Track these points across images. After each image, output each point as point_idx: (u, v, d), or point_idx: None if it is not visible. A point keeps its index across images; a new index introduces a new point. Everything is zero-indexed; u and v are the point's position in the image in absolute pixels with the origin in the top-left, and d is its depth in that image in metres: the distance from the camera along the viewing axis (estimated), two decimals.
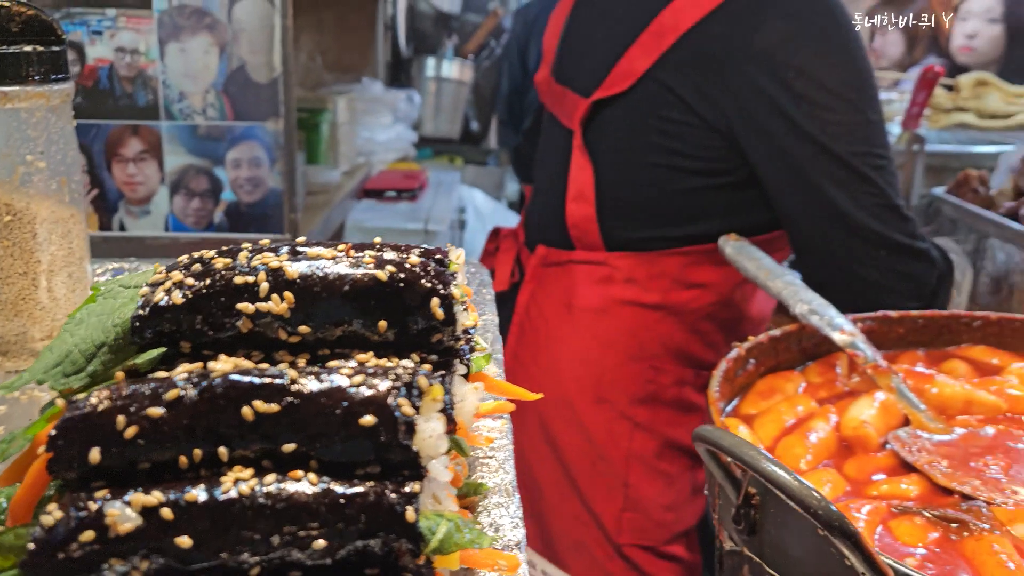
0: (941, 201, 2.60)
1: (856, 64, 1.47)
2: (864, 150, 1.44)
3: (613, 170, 1.62)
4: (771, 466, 0.59)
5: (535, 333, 1.72)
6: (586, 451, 1.66)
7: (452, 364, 0.48)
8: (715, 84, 1.48)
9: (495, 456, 0.57)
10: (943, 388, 0.99)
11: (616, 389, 1.65)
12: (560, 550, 1.71)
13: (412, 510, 0.40)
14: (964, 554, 0.72)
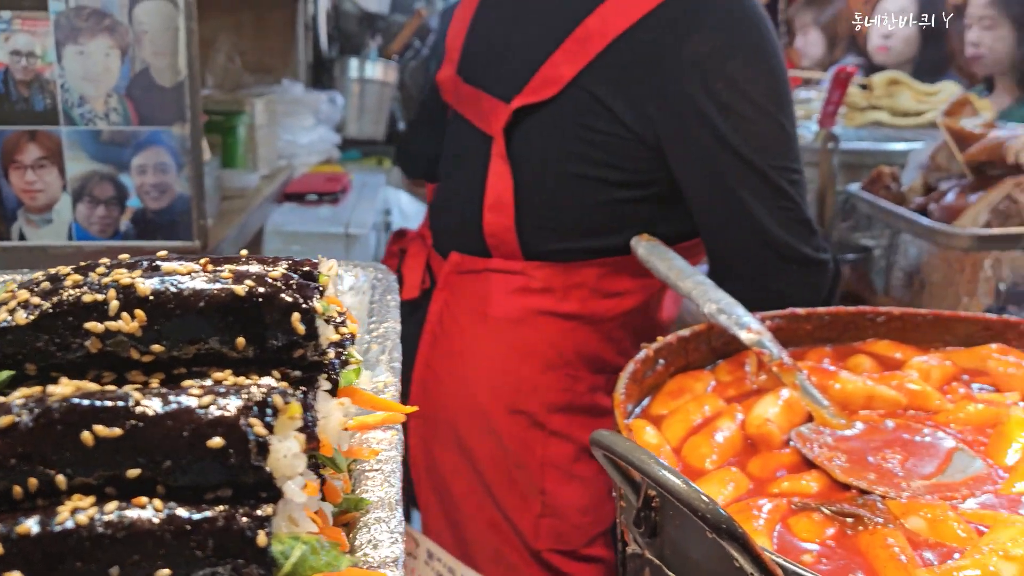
0: (856, 197, 2.67)
1: (779, 77, 1.49)
2: (783, 164, 1.47)
3: (534, 179, 1.59)
4: (661, 470, 0.59)
5: (449, 342, 1.69)
6: (501, 460, 1.65)
7: (316, 380, 0.47)
8: (643, 93, 1.47)
9: (381, 469, 0.55)
10: (845, 384, 1.01)
11: (532, 398, 1.64)
12: (479, 559, 1.69)
13: (264, 534, 0.39)
14: (859, 548, 0.73)
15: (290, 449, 0.40)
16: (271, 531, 0.39)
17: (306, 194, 3.10)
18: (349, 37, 4.71)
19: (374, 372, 0.73)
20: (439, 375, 1.71)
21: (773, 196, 1.46)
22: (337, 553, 0.41)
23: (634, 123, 1.49)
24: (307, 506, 0.43)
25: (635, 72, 1.47)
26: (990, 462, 0.89)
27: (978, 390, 1.07)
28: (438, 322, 1.71)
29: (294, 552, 0.39)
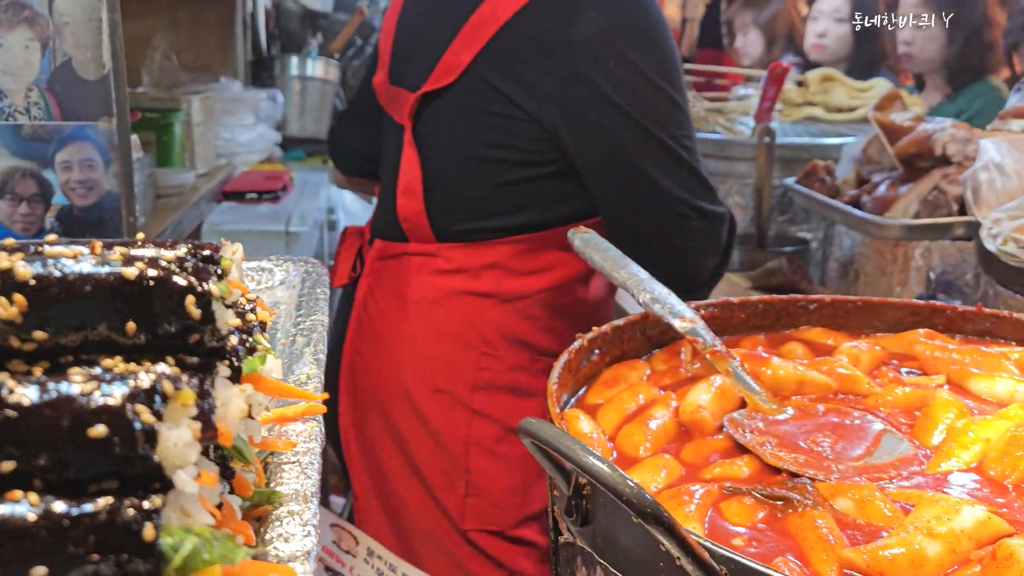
0: (793, 191, 2.71)
1: (667, 53, 1.57)
2: (677, 132, 1.56)
3: (441, 163, 1.66)
4: (586, 456, 0.58)
5: (372, 326, 1.75)
6: (426, 440, 1.69)
7: (214, 366, 0.45)
8: (534, 76, 1.53)
9: (299, 461, 0.54)
10: (777, 370, 1.02)
11: (452, 378, 1.68)
12: (413, 541, 1.73)
13: (151, 527, 0.37)
14: (788, 531, 0.73)
15: (181, 438, 0.38)
16: (160, 524, 0.37)
17: (246, 192, 3.05)
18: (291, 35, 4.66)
19: (298, 364, 0.71)
20: (366, 359, 1.75)
21: (671, 161, 1.55)
22: (233, 545, 0.39)
23: (527, 105, 1.55)
24: (204, 497, 0.41)
25: (525, 56, 1.54)
26: (917, 443, 0.90)
27: (906, 374, 1.09)
28: (363, 307, 1.77)
29: (185, 545, 0.37)
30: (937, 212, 2.28)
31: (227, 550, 0.38)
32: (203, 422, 0.40)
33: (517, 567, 1.73)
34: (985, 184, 2.03)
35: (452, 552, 1.71)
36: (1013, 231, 1.76)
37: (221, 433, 0.43)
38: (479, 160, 1.62)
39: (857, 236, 2.45)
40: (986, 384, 1.00)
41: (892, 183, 2.39)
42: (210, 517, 0.41)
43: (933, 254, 2.30)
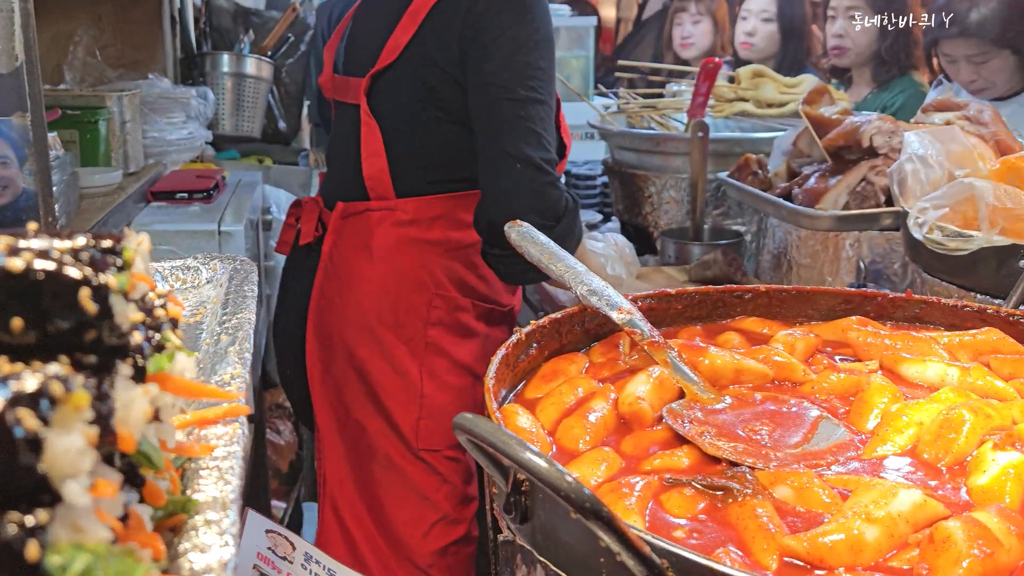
0: (727, 184, 2.74)
1: (539, 28, 1.87)
2: (534, 90, 1.83)
3: (395, 129, 1.96)
4: (524, 451, 0.57)
5: (339, 273, 2.02)
6: (386, 370, 1.97)
7: (114, 365, 0.42)
8: (452, 47, 1.86)
9: (219, 466, 0.51)
10: (714, 360, 1.02)
11: (410, 314, 1.97)
12: (371, 468, 2.00)
13: (35, 545, 0.33)
14: (729, 521, 0.73)
15: (72, 445, 0.35)
16: (46, 541, 0.34)
17: (176, 192, 2.96)
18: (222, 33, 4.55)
19: (222, 364, 0.68)
20: (332, 302, 2.02)
21: (519, 108, 1.81)
22: (131, 561, 0.36)
23: (452, 70, 1.88)
24: (102, 510, 0.38)
25: (447, 31, 1.88)
26: (853, 429, 0.90)
27: (840, 361, 1.10)
28: (329, 259, 2.04)
29: (75, 564, 0.34)
30: (865, 203, 2.32)
31: (124, 567, 0.35)
32: (101, 426, 0.36)
33: (459, 483, 2.06)
34: (910, 175, 2.07)
35: (405, 471, 1.99)
36: (938, 220, 1.80)
37: (122, 438, 0.40)
38: (424, 123, 1.92)
39: (789, 228, 2.49)
40: (917, 368, 1.01)
41: (822, 175, 2.43)
42: (107, 531, 0.37)
43: (862, 244, 2.34)
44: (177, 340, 0.50)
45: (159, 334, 0.46)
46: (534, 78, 1.85)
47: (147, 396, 0.42)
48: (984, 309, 1.17)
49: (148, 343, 0.44)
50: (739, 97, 3.62)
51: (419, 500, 2.01)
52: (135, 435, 0.41)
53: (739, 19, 4.44)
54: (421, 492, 2.01)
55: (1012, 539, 0.65)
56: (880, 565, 0.66)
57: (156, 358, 0.47)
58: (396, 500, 2.01)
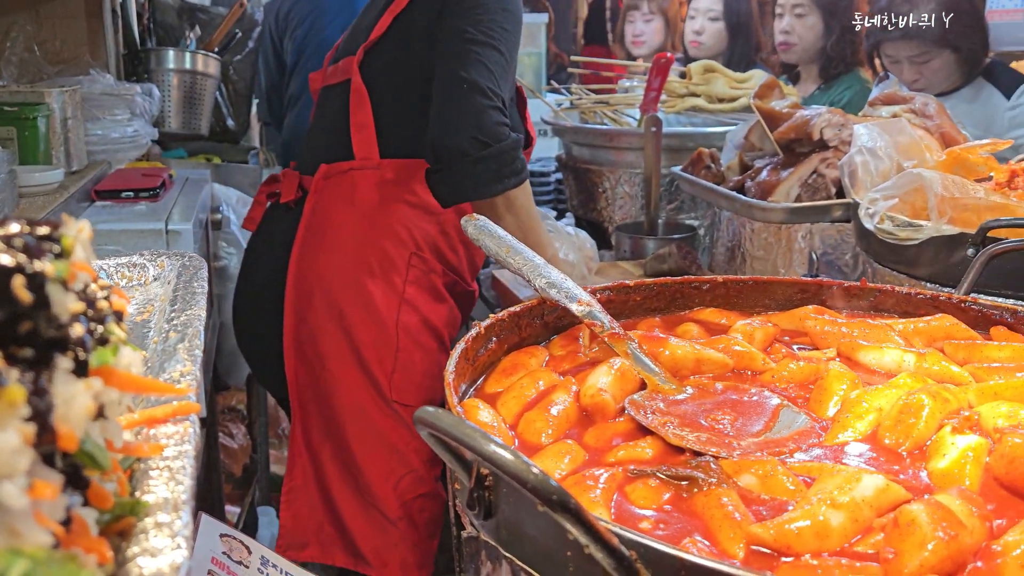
0: (680, 179, 2.76)
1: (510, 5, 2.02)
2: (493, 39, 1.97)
3: (385, 96, 2.09)
4: (488, 444, 0.55)
5: (321, 227, 2.11)
6: (365, 319, 2.04)
7: (52, 359, 0.39)
8: (435, 10, 2.02)
9: (170, 466, 0.48)
10: (675, 350, 1.01)
11: (390, 268, 2.05)
12: (343, 418, 2.04)
13: None
14: (695, 510, 0.72)
15: (6, 444, 0.32)
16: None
17: (121, 191, 2.89)
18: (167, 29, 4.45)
19: (171, 361, 0.65)
20: (315, 252, 2.10)
21: (477, 47, 1.95)
22: (73, 567, 0.33)
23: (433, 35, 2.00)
24: (42, 513, 0.36)
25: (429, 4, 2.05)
26: (813, 416, 0.91)
27: (797, 349, 1.11)
28: (312, 214, 2.12)
29: (12, 570, 0.31)
30: (817, 195, 2.35)
31: (66, 573, 0.33)
32: (38, 424, 0.34)
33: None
34: (860, 167, 2.10)
35: (377, 420, 2.04)
36: (888, 210, 1.83)
37: (62, 436, 0.37)
38: (410, 88, 2.05)
39: (743, 221, 2.51)
40: (874, 355, 1.02)
41: (773, 168, 2.46)
42: (47, 535, 0.35)
43: (814, 236, 2.37)
44: (122, 333, 0.47)
45: (102, 327, 0.43)
46: (495, 31, 1.98)
47: (90, 391, 0.40)
48: (936, 296, 1.19)
49: (90, 336, 0.41)
50: (690, 92, 3.65)
51: (390, 452, 2.05)
52: (77, 433, 0.39)
53: (688, 18, 4.49)
54: (392, 444, 2.05)
55: (974, 520, 0.66)
56: (846, 550, 0.66)
57: (99, 352, 0.44)
58: (368, 451, 2.05)
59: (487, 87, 1.93)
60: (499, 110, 1.94)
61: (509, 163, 1.94)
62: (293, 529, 2.11)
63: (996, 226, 1.55)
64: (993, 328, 1.13)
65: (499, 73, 1.97)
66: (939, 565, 0.61)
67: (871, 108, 2.68)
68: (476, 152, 1.90)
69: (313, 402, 2.10)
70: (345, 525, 2.06)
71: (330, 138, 2.18)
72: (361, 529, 2.05)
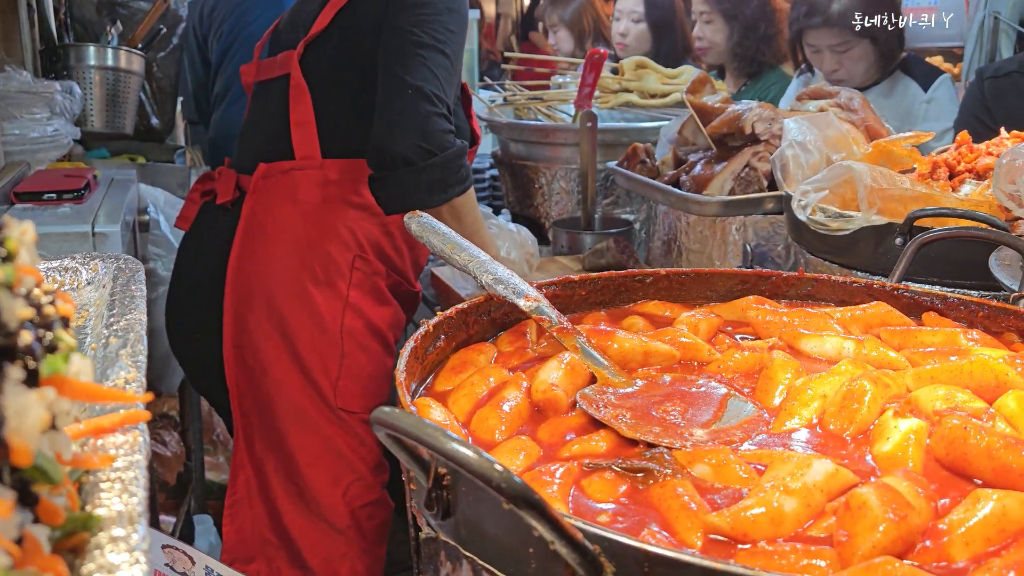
0: (616, 173, 2.78)
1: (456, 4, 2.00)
2: (439, 42, 1.93)
3: (325, 93, 2.03)
4: (451, 443, 0.55)
5: (263, 229, 2.03)
6: (308, 325, 1.98)
7: (1, 368, 0.37)
8: (380, 8, 1.96)
9: (121, 477, 0.47)
10: (623, 343, 1.02)
11: (333, 272, 1.99)
12: (286, 424, 1.99)
13: None
14: (651, 502, 0.72)
15: None
16: None
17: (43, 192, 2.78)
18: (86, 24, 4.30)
19: (113, 368, 0.62)
20: (255, 257, 2.02)
21: (421, 49, 1.91)
22: None
23: (378, 33, 1.95)
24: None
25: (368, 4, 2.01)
26: (759, 404, 0.92)
27: (740, 339, 1.13)
28: (251, 215, 2.04)
29: None
30: (749, 188, 2.40)
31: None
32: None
33: (375, 449, 2.05)
34: (791, 161, 2.15)
35: (322, 428, 1.99)
36: (819, 202, 1.87)
37: (15, 451, 0.35)
38: (352, 86, 1.99)
39: (678, 214, 2.55)
40: (815, 343, 1.04)
41: (707, 162, 2.50)
42: (5, 556, 0.33)
43: (748, 228, 2.42)
44: (71, 340, 0.45)
45: (51, 333, 0.41)
46: (441, 32, 1.94)
47: (43, 402, 0.38)
48: (871, 284, 1.22)
49: (39, 343, 0.39)
50: (623, 88, 3.68)
51: (336, 458, 2.01)
52: (31, 447, 0.37)
53: (613, 19, 4.55)
54: (338, 451, 2.01)
55: (921, 501, 0.67)
56: (799, 535, 0.67)
57: (50, 359, 0.42)
58: (314, 460, 2.01)
59: (432, 92, 1.89)
60: (444, 117, 1.91)
61: (454, 171, 1.92)
62: (237, 543, 2.06)
63: (922, 215, 1.60)
64: (924, 314, 1.17)
65: (444, 77, 1.94)
66: (891, 546, 0.62)
67: (799, 103, 2.75)
68: (421, 161, 1.87)
69: (255, 411, 2.04)
70: (291, 537, 2.02)
71: (268, 136, 2.10)
72: (308, 540, 2.01)
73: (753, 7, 3.82)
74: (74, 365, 0.45)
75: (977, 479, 0.74)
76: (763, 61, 3.89)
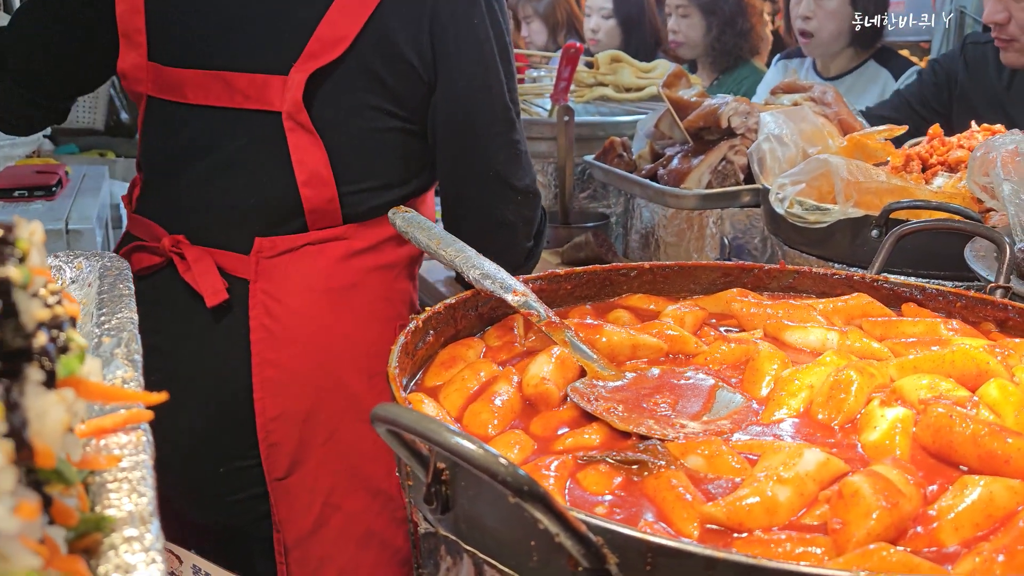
0: (594, 167, 2.79)
1: (507, 24, 1.65)
2: (512, 98, 1.63)
3: (341, 143, 1.56)
4: (455, 437, 0.55)
5: (285, 330, 1.57)
6: (366, 432, 1.50)
7: (22, 370, 0.37)
8: (419, 36, 1.55)
9: (128, 478, 0.46)
10: (611, 336, 1.03)
11: (384, 358, 1.64)
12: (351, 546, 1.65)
13: None
14: (646, 493, 0.73)
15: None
16: None
17: (13, 190, 2.74)
18: None
19: (109, 367, 0.62)
20: (285, 369, 1.56)
21: (505, 130, 1.62)
22: None
23: (420, 67, 1.56)
24: (25, 535, 0.34)
25: (408, 18, 1.54)
26: (747, 395, 0.93)
27: (725, 331, 1.14)
28: (266, 315, 1.56)
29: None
30: (726, 181, 2.42)
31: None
32: (15, 440, 0.32)
33: None
34: (768, 154, 2.17)
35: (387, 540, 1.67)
36: (796, 195, 1.89)
37: (39, 453, 0.35)
38: (379, 132, 1.59)
39: (656, 208, 2.56)
40: (800, 335, 1.06)
41: (684, 156, 2.52)
42: (36, 558, 0.33)
43: (725, 221, 2.44)
44: (81, 340, 0.45)
45: (63, 334, 0.41)
46: (511, 79, 1.62)
47: (63, 403, 0.38)
48: (851, 276, 1.24)
49: (53, 344, 0.39)
50: (598, 82, 3.69)
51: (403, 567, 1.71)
52: (54, 448, 0.37)
53: (585, 16, 4.58)
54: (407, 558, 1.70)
55: (911, 488, 0.69)
56: (793, 523, 0.68)
57: (65, 360, 0.42)
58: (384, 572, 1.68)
59: (530, 188, 1.68)
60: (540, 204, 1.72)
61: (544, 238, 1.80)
62: None
63: (898, 208, 1.62)
64: (904, 305, 1.19)
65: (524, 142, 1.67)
66: (884, 532, 0.64)
67: (773, 96, 2.77)
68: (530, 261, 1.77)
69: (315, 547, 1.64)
70: None
71: (259, 197, 1.57)
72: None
73: (731, 1, 3.86)
74: (86, 365, 0.45)
75: (963, 466, 0.76)
76: (739, 55, 3.93)
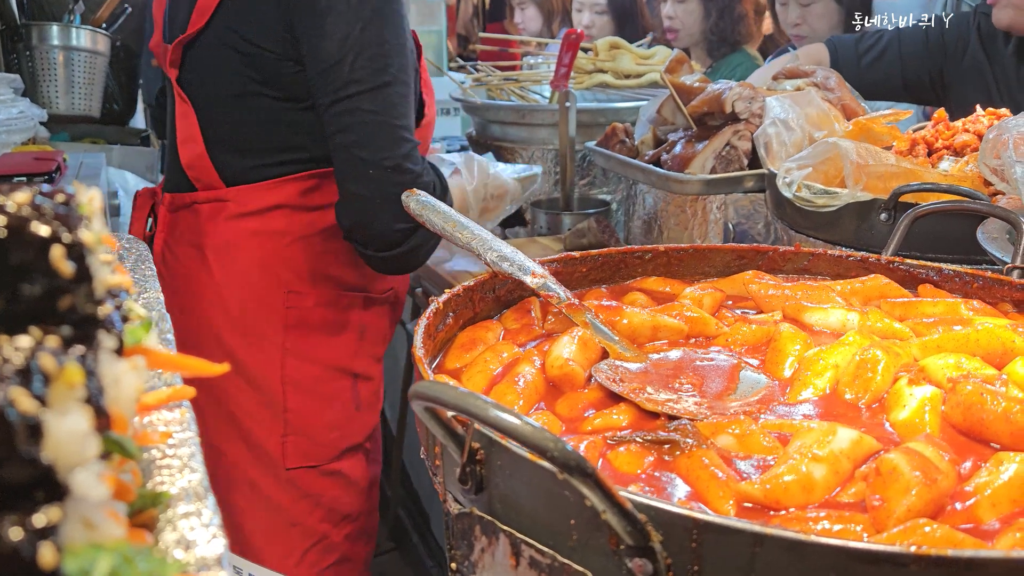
0: (596, 153, 2.78)
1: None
2: (385, 72, 1.60)
3: (211, 107, 1.69)
4: (502, 413, 0.54)
5: (174, 280, 1.74)
6: (243, 387, 1.73)
7: (95, 337, 0.36)
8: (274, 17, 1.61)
9: (177, 453, 0.46)
10: (632, 318, 1.02)
11: (262, 320, 1.71)
12: (232, 496, 1.76)
13: (51, 549, 0.28)
14: (679, 472, 0.73)
15: (75, 428, 0.29)
16: (62, 543, 0.28)
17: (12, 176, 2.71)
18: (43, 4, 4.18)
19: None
20: (173, 314, 1.70)
21: (370, 102, 1.59)
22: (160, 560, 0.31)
23: (276, 45, 1.61)
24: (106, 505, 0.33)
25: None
26: (770, 376, 0.93)
27: (742, 313, 1.13)
28: (162, 262, 1.75)
29: (98, 567, 0.29)
30: (730, 167, 2.41)
31: (154, 565, 0.30)
32: (95, 407, 0.31)
33: (335, 501, 1.82)
34: (774, 138, 2.17)
35: (271, 497, 1.77)
36: (804, 179, 1.89)
37: (115, 420, 0.34)
38: (244, 97, 1.66)
39: (659, 193, 2.56)
40: (820, 316, 1.05)
41: (688, 141, 2.51)
42: (119, 528, 0.32)
43: (728, 206, 2.44)
44: (141, 310, 0.44)
45: (124, 303, 0.40)
46: (383, 56, 1.60)
47: (136, 371, 0.37)
48: (867, 258, 1.24)
49: (118, 312, 0.38)
50: (597, 69, 3.68)
51: (288, 528, 1.80)
52: (128, 416, 0.36)
53: (575, 11, 4.56)
54: (290, 518, 1.80)
55: (946, 465, 0.69)
56: (829, 501, 0.68)
57: (131, 330, 0.41)
58: (263, 531, 1.79)
59: (401, 158, 1.61)
60: (416, 180, 1.64)
61: None
62: None
63: (908, 191, 1.62)
64: (920, 286, 1.18)
65: (406, 112, 1.64)
66: (924, 508, 0.63)
67: (775, 82, 2.76)
68: (404, 239, 1.67)
69: None
70: None
71: (172, 149, 1.78)
72: None
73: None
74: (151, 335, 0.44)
75: (994, 443, 0.75)
76: (736, 41, 3.93)
